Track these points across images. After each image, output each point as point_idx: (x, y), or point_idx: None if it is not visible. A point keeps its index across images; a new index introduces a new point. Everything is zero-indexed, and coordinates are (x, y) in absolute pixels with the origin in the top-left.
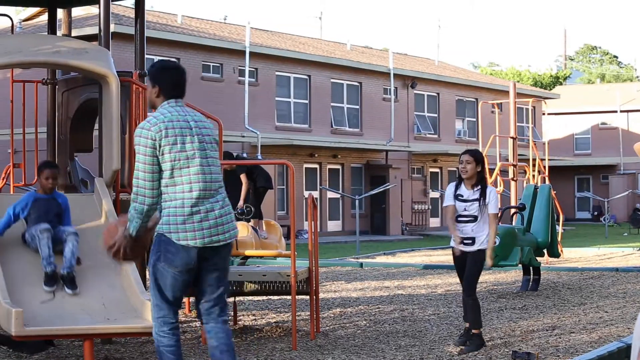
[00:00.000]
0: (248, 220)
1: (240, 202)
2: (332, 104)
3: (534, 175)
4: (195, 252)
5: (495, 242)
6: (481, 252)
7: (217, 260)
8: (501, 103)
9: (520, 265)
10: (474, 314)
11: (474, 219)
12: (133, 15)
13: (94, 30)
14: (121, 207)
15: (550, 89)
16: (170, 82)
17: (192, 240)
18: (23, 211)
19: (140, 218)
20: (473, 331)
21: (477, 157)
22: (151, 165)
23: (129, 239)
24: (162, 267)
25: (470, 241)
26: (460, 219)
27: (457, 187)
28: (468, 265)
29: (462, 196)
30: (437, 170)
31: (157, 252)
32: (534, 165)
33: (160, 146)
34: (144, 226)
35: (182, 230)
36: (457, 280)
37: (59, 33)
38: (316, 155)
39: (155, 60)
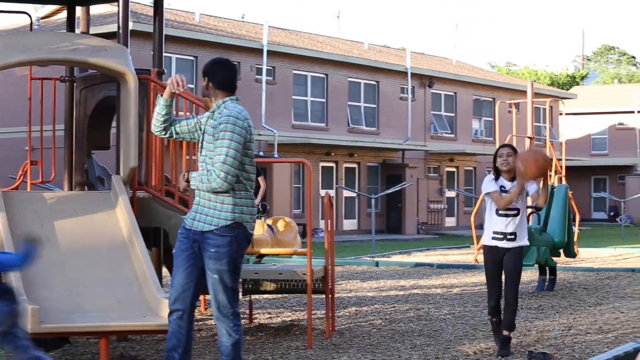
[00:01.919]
0: (260, 218)
1: (258, 200)
2: (349, 102)
3: (550, 175)
4: None
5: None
6: (522, 249)
7: None
8: (518, 103)
9: (536, 265)
10: (513, 315)
11: (517, 212)
12: (151, 13)
13: (114, 27)
14: (138, 204)
15: (567, 89)
16: (224, 77)
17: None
18: None
19: (201, 189)
20: (506, 333)
21: (515, 150)
22: (240, 155)
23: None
24: (241, 260)
25: (513, 236)
26: (501, 212)
27: (496, 180)
28: (512, 261)
29: (505, 188)
30: (454, 169)
31: (240, 242)
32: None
33: (245, 142)
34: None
35: (252, 221)
36: (473, 280)
37: (77, 31)
38: (333, 154)
39: (172, 59)
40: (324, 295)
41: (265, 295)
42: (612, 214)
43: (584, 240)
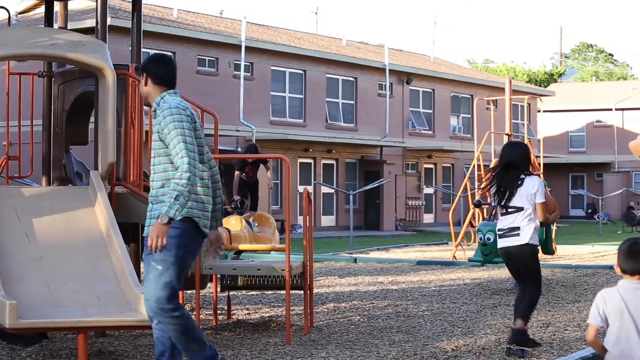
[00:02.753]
0: (241, 214)
1: (237, 195)
2: (327, 99)
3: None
4: None
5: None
6: None
7: None
8: (496, 100)
9: None
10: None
11: None
12: (129, 9)
13: (92, 23)
14: (116, 200)
15: (545, 86)
16: (163, 72)
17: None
18: None
19: (189, 193)
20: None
21: None
22: (194, 139)
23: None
24: (190, 258)
25: None
26: None
27: None
28: None
29: None
30: (432, 166)
31: (191, 237)
32: None
33: (191, 130)
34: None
35: (204, 218)
36: (451, 276)
37: (55, 26)
38: (311, 150)
39: (150, 54)
40: (302, 292)
41: (244, 291)
42: (589, 211)
43: (562, 238)
